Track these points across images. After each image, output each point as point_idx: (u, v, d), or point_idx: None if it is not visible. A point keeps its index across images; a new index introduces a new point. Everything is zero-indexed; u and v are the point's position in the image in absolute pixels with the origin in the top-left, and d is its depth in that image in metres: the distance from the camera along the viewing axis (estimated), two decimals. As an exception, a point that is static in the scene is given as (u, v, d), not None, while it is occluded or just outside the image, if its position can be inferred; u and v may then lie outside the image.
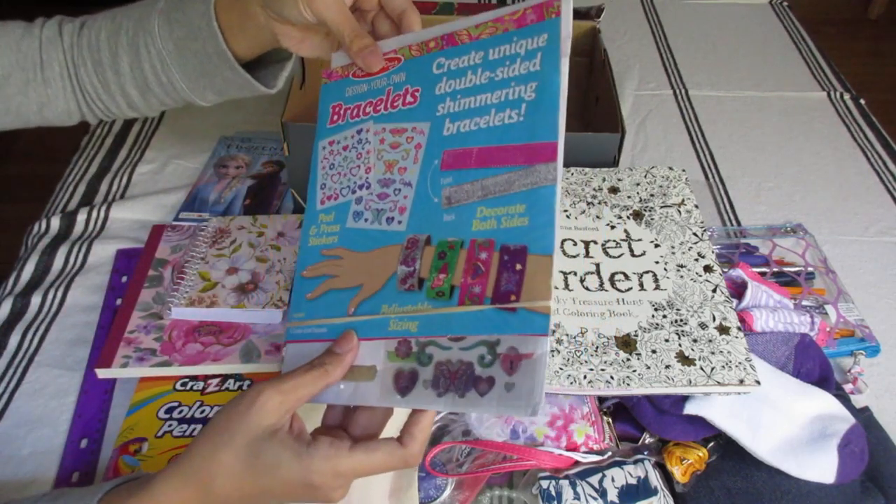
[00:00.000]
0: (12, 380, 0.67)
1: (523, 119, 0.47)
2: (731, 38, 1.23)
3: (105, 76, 0.64)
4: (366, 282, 0.50)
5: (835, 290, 0.75)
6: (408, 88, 0.53)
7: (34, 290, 0.75)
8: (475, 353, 0.44)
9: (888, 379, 0.68)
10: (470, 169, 0.48)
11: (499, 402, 0.43)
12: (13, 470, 0.60)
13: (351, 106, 0.56)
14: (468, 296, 0.46)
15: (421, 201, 0.50)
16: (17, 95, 0.64)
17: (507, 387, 0.43)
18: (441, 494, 0.57)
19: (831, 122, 1.03)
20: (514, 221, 0.46)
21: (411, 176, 0.51)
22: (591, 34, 0.97)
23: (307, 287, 0.53)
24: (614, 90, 0.84)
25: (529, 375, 0.42)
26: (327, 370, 0.46)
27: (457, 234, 0.47)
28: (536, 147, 0.46)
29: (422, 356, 0.46)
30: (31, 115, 0.66)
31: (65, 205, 0.87)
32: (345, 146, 0.55)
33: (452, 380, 0.44)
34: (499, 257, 0.45)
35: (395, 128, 0.53)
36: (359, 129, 0.55)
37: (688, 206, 0.71)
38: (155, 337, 0.66)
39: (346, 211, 0.53)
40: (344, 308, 0.50)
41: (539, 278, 0.43)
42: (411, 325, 0.47)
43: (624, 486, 0.55)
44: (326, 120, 0.57)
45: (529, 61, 0.48)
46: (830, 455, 0.56)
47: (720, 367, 0.57)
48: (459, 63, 0.51)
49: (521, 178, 0.46)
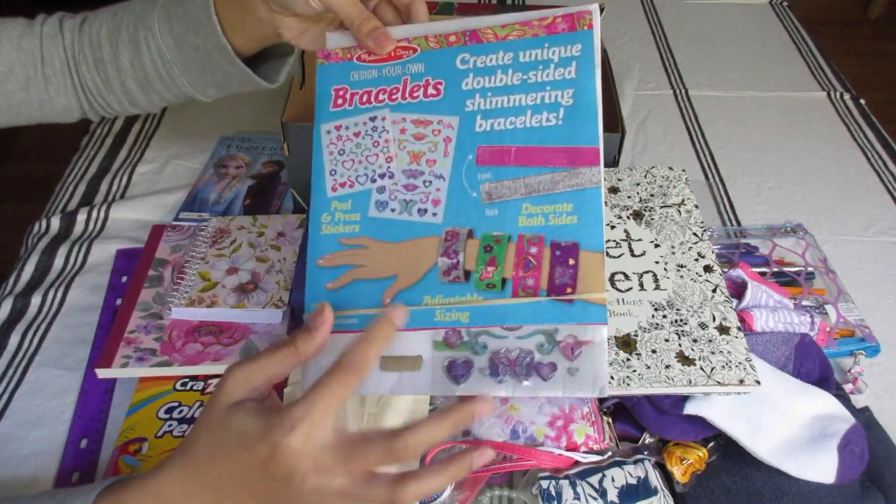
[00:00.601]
0: (12, 380, 0.67)
1: (562, 123, 0.50)
2: (731, 38, 1.23)
3: (106, 72, 0.64)
4: (400, 272, 0.51)
5: (835, 290, 0.75)
6: (429, 80, 0.54)
7: (34, 290, 0.75)
8: (533, 341, 0.48)
9: (888, 379, 0.68)
10: (509, 166, 0.51)
11: (564, 384, 0.47)
12: (13, 470, 0.60)
13: (359, 91, 0.55)
14: (522, 288, 0.49)
15: (457, 195, 0.52)
16: (18, 92, 0.64)
17: (571, 371, 0.47)
18: (441, 494, 0.57)
19: (831, 122, 1.03)
20: (562, 219, 0.49)
21: (443, 169, 0.52)
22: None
23: (324, 276, 0.53)
24: (614, 90, 0.84)
25: (591, 360, 0.47)
26: (297, 348, 0.45)
27: (502, 229, 0.50)
28: (579, 150, 0.50)
29: (475, 345, 0.49)
30: (33, 111, 0.66)
31: (65, 205, 0.87)
32: (356, 132, 0.55)
33: (512, 366, 0.48)
34: (550, 252, 0.49)
35: (418, 118, 0.54)
36: (372, 116, 0.54)
37: (688, 206, 0.71)
38: (155, 337, 0.66)
39: (366, 200, 0.53)
40: (377, 298, 0.51)
41: (593, 272, 0.48)
42: (462, 316, 0.49)
43: (624, 486, 0.55)
44: (328, 103, 0.56)
45: (565, 68, 0.51)
46: (830, 455, 0.56)
47: (720, 367, 0.57)
48: (487, 61, 0.53)
49: (566, 179, 0.50)
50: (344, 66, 0.56)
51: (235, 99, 0.93)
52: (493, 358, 0.48)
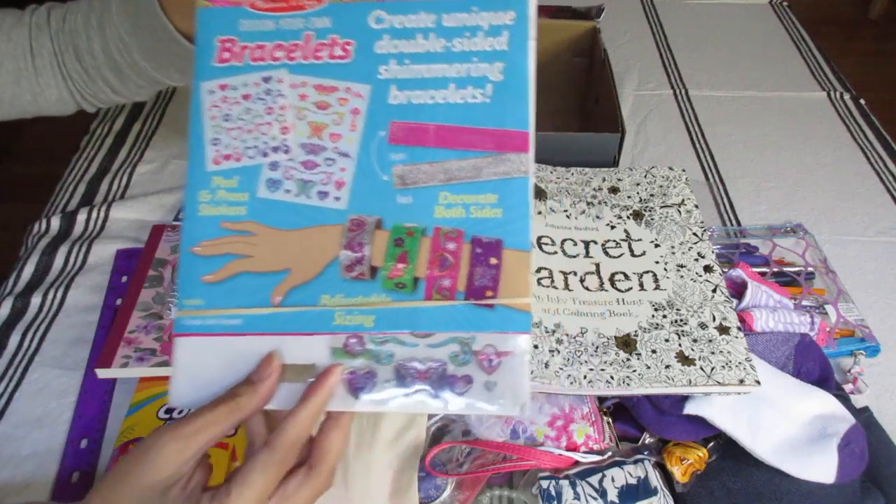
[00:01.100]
0: (12, 380, 0.67)
1: (490, 101, 0.45)
2: (731, 38, 1.23)
3: (85, 62, 0.64)
4: (294, 266, 0.45)
5: (835, 290, 0.75)
6: (335, 39, 0.47)
7: (34, 290, 0.75)
8: (447, 350, 0.42)
9: (888, 379, 0.68)
10: (428, 147, 0.45)
11: (480, 400, 0.41)
12: (13, 470, 0.60)
13: (251, 45, 0.47)
14: (436, 289, 0.43)
15: (365, 177, 0.45)
16: (9, 86, 0.63)
17: (488, 385, 0.42)
18: (441, 494, 0.57)
19: (831, 122, 1.03)
20: (485, 212, 0.44)
21: (349, 145, 0.46)
22: (591, 34, 0.97)
23: (203, 267, 0.45)
24: (614, 90, 0.84)
25: (511, 373, 0.41)
26: (239, 403, 0.40)
27: (416, 220, 0.44)
28: (507, 134, 0.44)
29: (380, 354, 0.43)
30: (26, 105, 0.65)
31: (65, 205, 0.87)
32: (245, 94, 0.47)
33: (422, 379, 0.42)
34: (470, 249, 0.43)
35: (322, 84, 0.47)
36: (266, 77, 0.47)
37: (688, 206, 0.72)
38: (155, 337, 0.66)
39: (255, 177, 0.46)
40: (265, 296, 0.44)
41: (517, 274, 0.42)
42: (365, 320, 0.43)
43: (624, 486, 0.55)
44: (211, 56, 0.47)
45: (494, 38, 0.45)
46: (830, 455, 0.56)
47: (720, 367, 0.57)
48: (406, 22, 0.46)
49: (490, 166, 0.44)
50: (233, 11, 0.48)
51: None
52: (400, 369, 0.42)
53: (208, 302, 0.44)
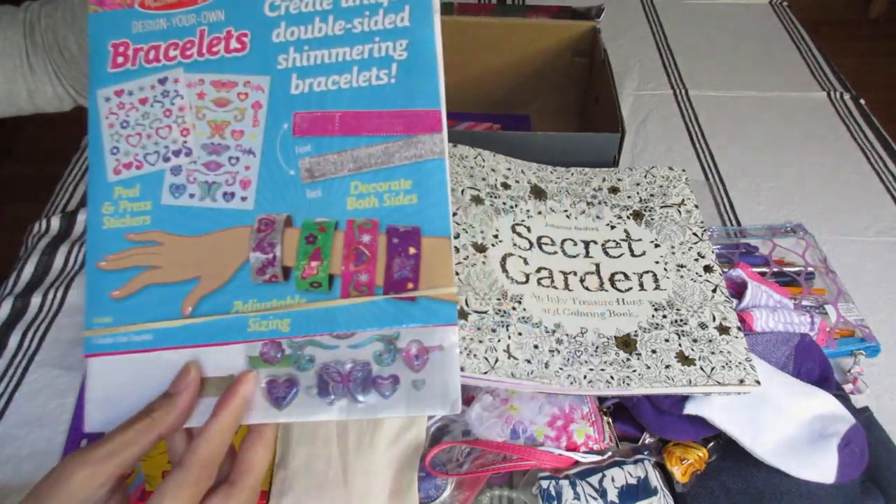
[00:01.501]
0: (12, 380, 0.67)
1: (395, 81, 0.43)
2: (731, 38, 1.23)
3: (66, 56, 0.63)
4: (203, 273, 0.42)
5: (835, 290, 0.75)
6: (230, 31, 0.45)
7: (34, 290, 0.75)
8: (370, 350, 0.40)
9: (888, 379, 0.68)
10: (334, 136, 0.43)
11: (408, 401, 0.40)
12: (13, 470, 0.60)
13: (144, 46, 0.45)
14: (353, 285, 0.41)
15: (271, 173, 0.43)
16: (5, 83, 0.63)
17: (416, 384, 0.40)
18: (441, 494, 0.57)
19: (831, 122, 1.03)
20: (400, 199, 0.42)
21: (252, 142, 0.44)
22: (591, 34, 0.97)
23: (110, 282, 0.43)
24: (614, 90, 0.84)
25: (440, 369, 0.39)
26: (154, 420, 0.38)
27: (327, 214, 0.42)
28: (417, 114, 0.42)
29: (300, 359, 0.41)
30: (23, 102, 0.65)
31: (65, 205, 0.87)
32: (142, 99, 0.45)
33: (345, 383, 0.40)
34: (386, 240, 0.41)
35: (220, 80, 0.45)
36: (161, 78, 0.45)
37: (688, 206, 0.71)
38: (155, 337, 0.66)
39: (158, 184, 0.44)
40: (176, 308, 0.42)
41: (438, 263, 0.40)
42: (281, 324, 0.41)
43: (624, 486, 0.55)
44: (106, 62, 0.45)
45: (395, 14, 0.43)
46: (830, 455, 0.56)
47: (720, 367, 0.57)
48: (301, 6, 0.45)
49: (402, 150, 0.42)
50: (123, 14, 0.46)
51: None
52: (322, 373, 0.40)
53: (118, 318, 0.42)
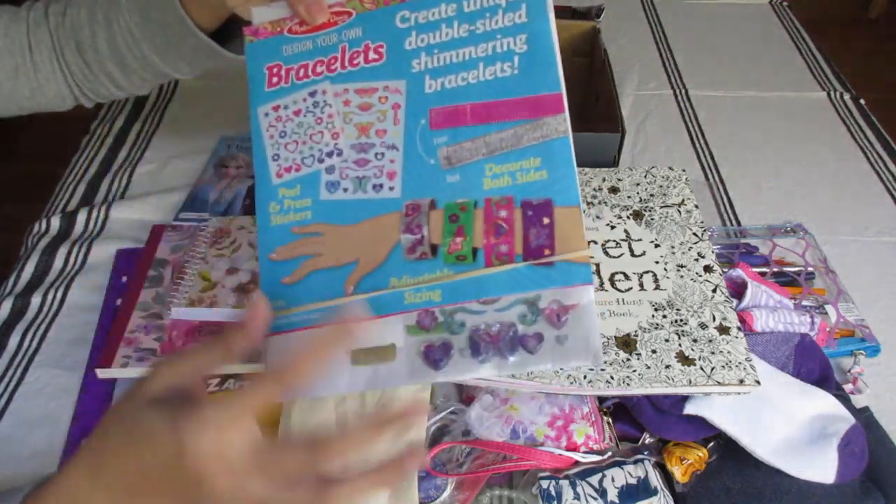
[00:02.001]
0: (12, 380, 0.67)
1: (518, 72, 0.47)
2: (731, 38, 1.23)
3: (87, 56, 0.64)
4: (361, 256, 0.47)
5: (835, 290, 0.75)
6: (368, 44, 0.50)
7: (34, 290, 0.75)
8: (514, 312, 0.44)
9: (888, 379, 0.68)
10: (467, 126, 0.47)
11: (553, 355, 0.43)
12: (13, 470, 0.60)
13: (294, 66, 0.51)
14: (496, 256, 0.45)
15: (413, 164, 0.48)
16: (7, 81, 0.63)
17: (560, 339, 0.43)
18: (441, 494, 0.57)
19: (831, 122, 1.03)
20: (531, 176, 0.46)
21: (395, 138, 0.49)
22: (591, 34, 0.97)
23: (281, 271, 0.49)
24: (614, 90, 0.84)
25: (580, 324, 0.43)
26: (228, 343, 0.42)
27: (466, 195, 0.46)
28: (541, 99, 0.46)
29: (452, 324, 0.45)
30: (24, 100, 0.65)
31: (65, 205, 0.87)
32: (296, 111, 0.51)
33: (494, 343, 0.44)
34: (522, 213, 0.45)
35: (362, 87, 0.50)
36: (312, 91, 0.51)
37: (688, 206, 0.72)
38: (155, 337, 0.66)
39: (315, 182, 0.50)
40: (339, 288, 0.47)
41: (570, 229, 0.44)
42: (433, 295, 0.45)
43: (624, 486, 0.55)
44: (263, 83, 0.52)
45: (514, 13, 0.47)
46: (830, 455, 0.56)
47: (720, 367, 0.57)
48: (429, 16, 0.49)
49: (529, 132, 0.46)
50: (274, 40, 0.52)
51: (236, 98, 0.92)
52: (473, 336, 0.44)
53: (289, 301, 0.48)
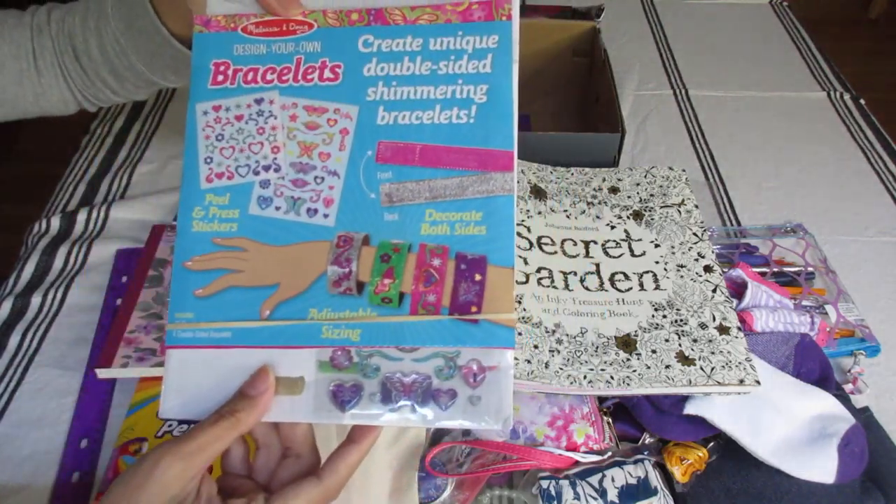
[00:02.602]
0: (12, 380, 0.67)
1: (474, 122, 0.46)
2: (731, 38, 1.23)
3: (83, 62, 0.64)
4: (283, 280, 0.45)
5: (835, 290, 0.75)
6: (325, 62, 0.48)
7: (34, 290, 0.75)
8: (432, 364, 0.43)
9: (888, 379, 0.68)
10: (414, 166, 0.46)
11: (464, 414, 0.42)
12: (13, 470, 0.60)
13: (243, 68, 0.49)
14: (422, 304, 0.44)
15: (352, 195, 0.46)
16: (11, 86, 0.63)
17: (472, 400, 0.42)
18: (441, 494, 0.57)
19: (831, 122, 1.03)
20: (470, 229, 0.44)
21: (338, 164, 0.47)
22: (591, 34, 0.97)
23: (195, 281, 0.46)
24: (614, 90, 0.84)
25: (495, 387, 0.42)
26: (239, 419, 0.41)
27: (402, 237, 0.45)
28: (492, 154, 0.45)
29: (366, 367, 0.43)
30: (28, 105, 0.65)
31: (65, 205, 0.87)
32: (238, 115, 0.48)
33: (407, 393, 0.43)
34: (455, 266, 0.44)
35: (312, 105, 0.48)
36: (258, 98, 0.48)
37: (688, 206, 0.72)
38: (155, 337, 0.66)
39: (246, 194, 0.47)
40: (255, 310, 0.45)
41: (501, 290, 0.43)
42: (352, 334, 0.44)
43: (624, 486, 0.55)
44: (207, 79, 0.49)
45: (479, 61, 0.46)
46: (830, 455, 0.56)
47: (720, 367, 0.57)
48: (393, 46, 0.47)
49: (475, 185, 0.45)
50: (226, 36, 0.49)
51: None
52: (386, 382, 0.43)
53: (199, 315, 0.45)
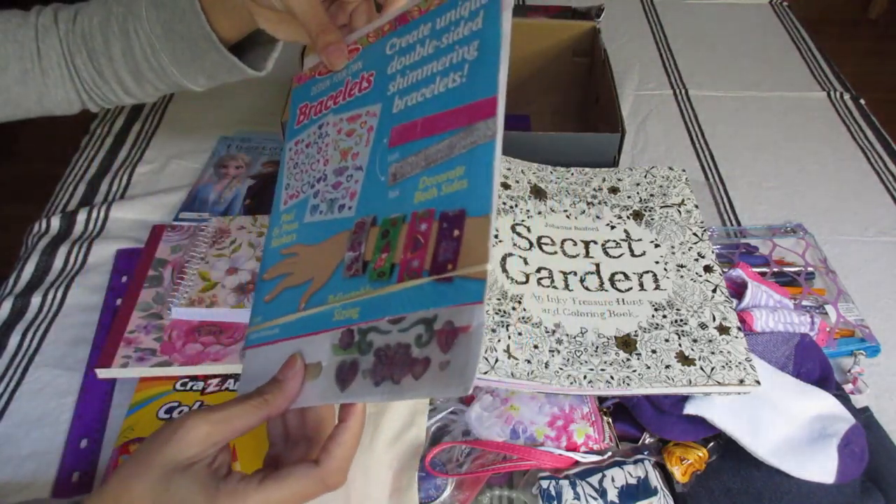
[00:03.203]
0: (12, 380, 0.67)
1: (465, 80, 0.43)
2: (731, 38, 1.23)
3: (99, 63, 0.64)
4: (315, 274, 0.48)
5: (835, 290, 0.75)
6: (363, 74, 0.51)
7: (34, 290, 0.75)
8: (413, 333, 0.40)
9: (888, 379, 0.68)
10: (416, 141, 0.45)
11: (432, 383, 0.38)
12: (13, 470, 0.60)
13: (313, 103, 0.54)
14: (407, 272, 0.41)
15: (370, 182, 0.47)
16: (15, 86, 0.63)
17: (442, 366, 0.38)
18: (441, 494, 0.57)
19: (831, 122, 1.03)
20: (454, 186, 0.41)
21: (362, 159, 0.48)
22: (591, 34, 0.97)
23: (266, 290, 0.51)
24: (614, 90, 0.84)
25: (464, 351, 0.38)
26: (266, 400, 0.43)
27: (400, 210, 0.44)
28: (476, 105, 0.42)
29: (362, 344, 0.42)
30: (32, 105, 0.65)
31: (65, 205, 0.87)
32: (307, 143, 0.53)
33: (389, 366, 0.40)
34: (438, 226, 0.41)
35: (351, 115, 0.51)
36: (321, 125, 0.53)
37: (688, 206, 0.71)
38: (155, 337, 0.66)
39: (304, 207, 0.51)
40: (296, 304, 0.48)
41: (476, 242, 0.39)
42: (353, 313, 0.44)
43: (624, 486, 0.55)
44: (294, 122, 0.55)
45: (472, 21, 0.44)
46: (830, 455, 0.56)
47: (720, 367, 0.57)
48: (409, 39, 0.48)
49: (461, 140, 0.42)
50: (308, 83, 0.55)
51: (236, 98, 0.93)
52: (376, 357, 0.41)
53: (263, 317, 0.50)
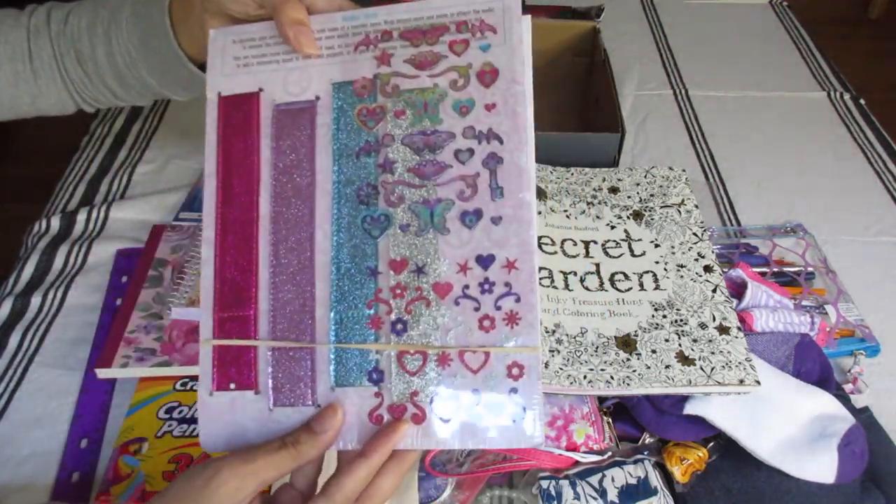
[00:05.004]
0: (12, 380, 0.67)
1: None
2: (731, 38, 1.23)
3: (86, 66, 0.63)
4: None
5: (835, 290, 0.75)
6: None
7: (34, 290, 0.75)
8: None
9: (888, 379, 0.68)
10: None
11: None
12: (13, 470, 0.60)
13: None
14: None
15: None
16: (7, 88, 0.63)
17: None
18: (441, 494, 0.57)
19: (831, 122, 1.03)
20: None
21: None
22: (591, 34, 0.97)
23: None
24: (614, 90, 0.84)
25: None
26: (300, 451, 0.41)
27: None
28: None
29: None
30: (25, 107, 0.65)
31: (65, 205, 0.87)
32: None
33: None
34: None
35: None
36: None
37: (688, 206, 0.72)
38: (155, 337, 0.66)
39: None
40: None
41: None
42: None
43: (624, 486, 0.55)
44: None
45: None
46: (830, 455, 0.56)
47: (720, 367, 0.57)
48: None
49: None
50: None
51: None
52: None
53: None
